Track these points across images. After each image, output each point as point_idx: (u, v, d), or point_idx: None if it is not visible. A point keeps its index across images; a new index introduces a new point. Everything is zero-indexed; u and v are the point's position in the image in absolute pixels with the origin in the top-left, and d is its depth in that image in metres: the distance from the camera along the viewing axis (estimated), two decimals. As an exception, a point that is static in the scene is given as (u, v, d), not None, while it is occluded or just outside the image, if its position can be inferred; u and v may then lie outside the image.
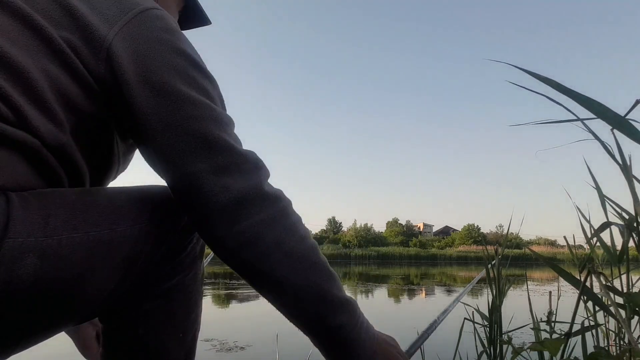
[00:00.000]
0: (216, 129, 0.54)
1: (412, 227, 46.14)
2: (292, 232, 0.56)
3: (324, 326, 0.57)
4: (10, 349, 0.51)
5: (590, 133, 0.77)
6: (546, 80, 0.72)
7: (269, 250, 0.54)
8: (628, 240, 0.82)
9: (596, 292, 0.85)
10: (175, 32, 0.57)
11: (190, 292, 0.63)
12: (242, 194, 0.53)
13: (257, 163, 0.57)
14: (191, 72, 0.55)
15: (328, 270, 0.59)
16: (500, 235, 39.43)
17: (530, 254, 22.60)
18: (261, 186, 0.55)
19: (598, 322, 0.97)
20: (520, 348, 0.77)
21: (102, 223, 0.50)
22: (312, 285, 0.56)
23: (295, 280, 0.55)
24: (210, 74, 0.60)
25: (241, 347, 3.51)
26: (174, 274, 0.60)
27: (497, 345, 1.27)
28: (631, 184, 0.76)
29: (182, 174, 0.53)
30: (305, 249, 0.57)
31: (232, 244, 0.53)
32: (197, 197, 0.52)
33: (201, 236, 0.58)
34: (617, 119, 0.69)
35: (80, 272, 0.49)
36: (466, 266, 25.55)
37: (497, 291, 1.31)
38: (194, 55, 0.58)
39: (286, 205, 0.58)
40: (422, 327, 1.01)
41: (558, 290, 1.34)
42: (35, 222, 0.45)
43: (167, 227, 0.57)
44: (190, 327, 0.65)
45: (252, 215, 0.53)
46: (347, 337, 0.57)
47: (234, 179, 0.53)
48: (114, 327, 0.61)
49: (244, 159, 0.55)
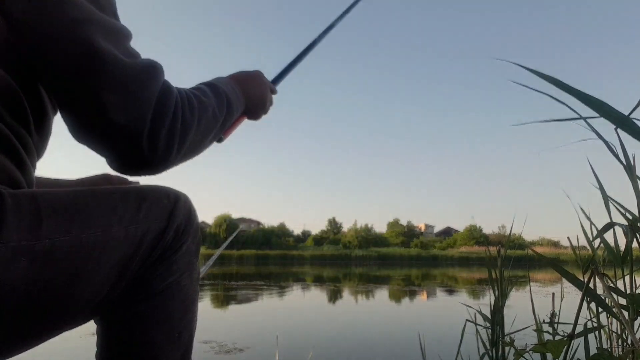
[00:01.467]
0: (102, 38, 0.49)
1: (413, 227, 46.06)
2: (197, 126, 0.57)
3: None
4: (5, 352, 0.50)
5: (593, 132, 0.76)
6: (550, 79, 0.71)
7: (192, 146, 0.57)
8: (632, 241, 0.81)
9: (599, 293, 0.84)
10: None
11: (186, 292, 0.63)
12: (144, 109, 0.50)
13: (150, 74, 0.52)
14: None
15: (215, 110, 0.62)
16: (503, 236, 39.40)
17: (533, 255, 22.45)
18: (158, 102, 0.52)
19: (601, 324, 0.96)
20: (523, 350, 0.76)
21: (95, 225, 0.50)
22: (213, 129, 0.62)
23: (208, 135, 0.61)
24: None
25: (240, 349, 3.49)
26: (169, 273, 0.59)
27: (500, 346, 1.26)
28: (635, 184, 0.75)
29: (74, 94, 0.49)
30: (208, 123, 0.60)
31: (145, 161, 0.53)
32: (97, 117, 0.48)
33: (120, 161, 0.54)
34: (621, 118, 0.68)
35: (75, 274, 0.48)
36: (468, 267, 25.51)
37: (499, 292, 1.31)
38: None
39: (180, 102, 0.55)
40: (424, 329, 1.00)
41: (561, 291, 1.33)
42: (27, 226, 0.44)
43: (161, 227, 0.57)
44: (186, 326, 0.64)
45: (159, 129, 0.51)
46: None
47: (129, 92, 0.49)
48: (110, 328, 0.61)
49: (136, 71, 0.50)
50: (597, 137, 0.76)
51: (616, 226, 0.85)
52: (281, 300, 7.48)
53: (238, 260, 28.56)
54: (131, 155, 0.51)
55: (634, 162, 0.78)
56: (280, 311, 6.19)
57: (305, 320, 5.33)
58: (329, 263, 29.65)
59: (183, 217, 0.60)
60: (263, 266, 23.30)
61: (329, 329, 4.65)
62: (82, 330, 0.67)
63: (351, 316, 5.72)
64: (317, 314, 6.03)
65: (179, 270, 0.61)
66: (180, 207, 0.60)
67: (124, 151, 0.51)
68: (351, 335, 4.26)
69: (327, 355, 3.35)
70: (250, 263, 27.13)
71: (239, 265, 24.49)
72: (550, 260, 0.90)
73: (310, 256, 33.51)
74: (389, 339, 4.05)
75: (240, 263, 26.66)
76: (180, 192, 0.63)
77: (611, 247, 0.93)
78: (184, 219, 0.60)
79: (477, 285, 11.49)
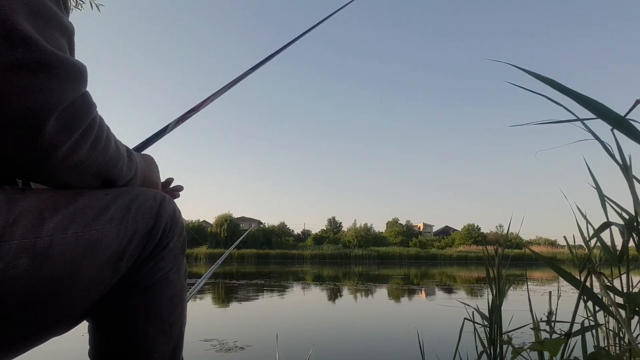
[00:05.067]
0: (22, 16, 0.42)
1: (412, 227, 46.07)
2: (105, 151, 0.53)
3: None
4: (6, 352, 0.51)
5: (590, 133, 0.77)
6: (546, 80, 0.72)
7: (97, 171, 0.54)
8: (628, 240, 0.82)
9: (596, 292, 0.85)
10: None
11: (175, 287, 0.66)
12: (51, 104, 0.43)
13: (75, 72, 0.46)
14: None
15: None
16: (501, 235, 39.43)
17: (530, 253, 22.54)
18: (78, 99, 0.47)
19: (598, 322, 0.97)
20: (520, 348, 0.77)
21: (89, 224, 0.51)
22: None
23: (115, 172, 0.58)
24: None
25: (241, 347, 3.51)
26: (157, 270, 0.63)
27: (497, 345, 1.27)
28: (631, 184, 0.76)
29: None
30: (113, 155, 0.56)
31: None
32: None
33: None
34: (617, 119, 0.69)
35: (71, 272, 0.50)
36: (466, 266, 25.54)
37: (497, 291, 1.32)
38: None
39: (101, 125, 0.52)
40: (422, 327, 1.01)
41: (558, 290, 1.34)
42: (29, 224, 0.45)
43: (149, 226, 0.60)
44: (176, 320, 0.67)
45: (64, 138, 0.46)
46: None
47: (40, 80, 0.42)
48: (101, 324, 0.63)
49: (56, 61, 0.43)
50: (593, 139, 0.77)
51: (613, 226, 0.86)
52: (281, 299, 7.49)
53: (239, 260, 28.58)
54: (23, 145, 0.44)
55: (630, 163, 0.79)
56: (280, 310, 6.20)
57: (305, 319, 5.34)
58: (329, 262, 29.65)
59: (168, 217, 0.64)
60: (263, 265, 23.30)
61: (328, 328, 4.66)
62: (82, 329, 0.68)
63: (351, 315, 5.73)
64: (317, 312, 6.04)
65: (166, 266, 0.65)
66: (166, 208, 0.64)
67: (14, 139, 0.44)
68: (351, 334, 4.27)
69: (327, 354, 3.36)
70: (251, 262, 27.13)
71: (240, 264, 24.49)
72: (547, 259, 0.91)
73: (310, 255, 33.49)
74: (388, 337, 4.06)
75: (240, 262, 26.66)
76: (165, 194, 0.67)
77: (608, 246, 0.94)
78: (169, 219, 0.64)
79: (475, 284, 11.51)
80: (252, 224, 44.60)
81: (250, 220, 47.05)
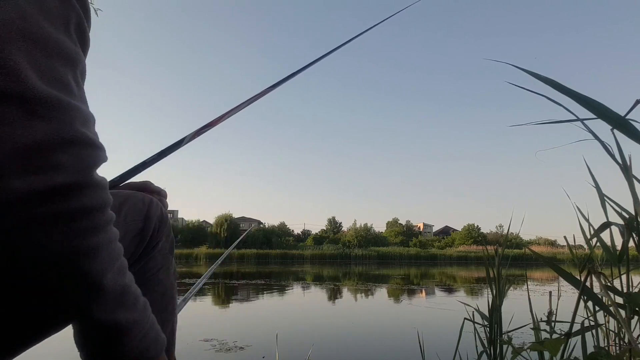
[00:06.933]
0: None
1: (412, 227, 46.05)
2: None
3: None
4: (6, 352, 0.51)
5: (590, 133, 0.77)
6: (546, 80, 0.72)
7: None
8: (628, 240, 0.82)
9: (596, 292, 0.85)
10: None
11: (165, 286, 0.69)
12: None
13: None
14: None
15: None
16: (501, 235, 39.41)
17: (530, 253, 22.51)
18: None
19: (598, 322, 0.97)
20: (520, 348, 0.77)
21: None
22: None
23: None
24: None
25: (241, 347, 3.51)
26: (147, 269, 0.66)
27: (497, 345, 1.27)
28: (631, 184, 0.76)
29: None
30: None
31: None
32: None
33: None
34: (617, 119, 0.69)
35: None
36: (466, 266, 25.54)
37: (497, 291, 1.32)
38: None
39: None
40: (422, 327, 1.02)
41: (558, 290, 1.34)
42: None
43: (139, 227, 0.63)
44: (168, 319, 0.69)
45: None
46: None
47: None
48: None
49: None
50: (593, 139, 0.77)
51: (613, 226, 0.86)
52: (281, 299, 7.50)
53: (239, 260, 28.58)
54: None
55: (630, 163, 0.79)
56: (280, 310, 6.20)
57: (305, 319, 5.34)
58: (329, 262, 29.66)
59: (157, 219, 0.67)
60: (263, 265, 23.31)
61: (328, 328, 4.66)
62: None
63: (351, 315, 5.73)
64: (317, 312, 6.04)
65: (155, 266, 0.67)
66: (154, 210, 0.66)
67: None
68: (351, 334, 4.27)
69: (327, 353, 3.36)
70: (251, 262, 27.15)
71: (240, 264, 24.50)
72: (548, 259, 0.91)
73: (310, 255, 33.50)
74: (388, 337, 4.06)
75: (241, 262, 26.67)
76: (152, 197, 0.69)
77: (608, 246, 0.94)
78: (158, 220, 0.67)
79: (475, 284, 11.51)
80: (252, 224, 44.65)
81: (250, 220, 47.09)
